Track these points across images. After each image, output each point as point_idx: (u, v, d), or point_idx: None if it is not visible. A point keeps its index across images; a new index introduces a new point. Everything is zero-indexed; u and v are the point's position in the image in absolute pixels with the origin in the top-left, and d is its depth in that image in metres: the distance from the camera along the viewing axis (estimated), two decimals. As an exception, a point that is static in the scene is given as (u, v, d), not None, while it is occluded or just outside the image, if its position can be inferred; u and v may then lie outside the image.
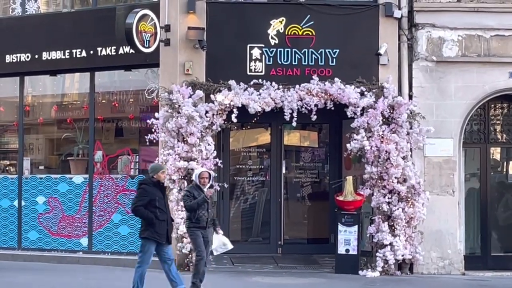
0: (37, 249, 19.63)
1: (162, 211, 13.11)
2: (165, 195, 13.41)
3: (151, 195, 13.12)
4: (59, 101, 20.98)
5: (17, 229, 19.87)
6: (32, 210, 19.97)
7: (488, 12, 18.44)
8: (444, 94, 18.36)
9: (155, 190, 13.20)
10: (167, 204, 13.51)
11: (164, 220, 13.13)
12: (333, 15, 18.19)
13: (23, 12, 20.63)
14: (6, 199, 20.44)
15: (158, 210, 13.06)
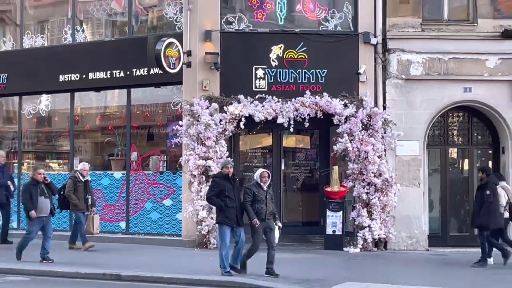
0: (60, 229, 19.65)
1: (231, 199, 13.14)
2: (234, 186, 13.33)
3: (221, 186, 13.25)
4: (102, 112, 20.98)
5: (69, 215, 19.84)
6: (81, 200, 20.01)
7: (447, 39, 18.44)
8: (411, 106, 18.35)
9: (224, 182, 13.29)
10: (236, 193, 13.31)
11: (232, 207, 13.14)
12: (322, 42, 18.19)
13: (73, 40, 20.63)
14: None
15: (228, 198, 13.15)
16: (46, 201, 15.37)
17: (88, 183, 17.64)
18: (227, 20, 18.38)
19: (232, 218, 13.18)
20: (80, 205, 17.29)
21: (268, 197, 13.29)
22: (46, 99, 21.20)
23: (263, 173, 13.35)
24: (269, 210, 13.27)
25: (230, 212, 13.17)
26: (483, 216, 15.32)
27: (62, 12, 21.18)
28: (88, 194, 17.44)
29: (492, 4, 18.52)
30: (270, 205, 13.30)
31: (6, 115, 22.49)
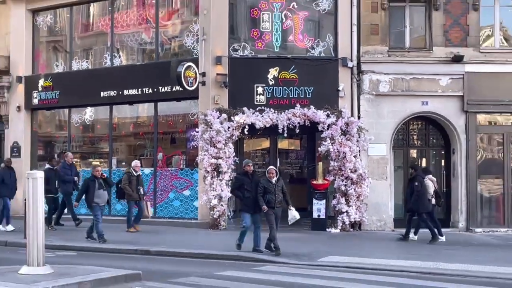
0: (119, 215, 19.65)
1: (248, 191, 13.23)
2: (252, 180, 13.33)
3: (241, 181, 13.45)
4: (135, 121, 21.01)
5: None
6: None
7: (408, 63, 18.46)
8: (380, 116, 18.37)
9: (244, 177, 13.45)
10: (254, 186, 13.23)
11: (249, 197, 13.23)
12: (309, 65, 18.22)
13: (112, 64, 20.68)
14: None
15: (246, 191, 13.26)
16: (104, 193, 15.18)
17: (140, 177, 17.35)
18: (233, 48, 18.41)
19: (250, 205, 13.26)
20: (133, 195, 17.10)
21: (276, 189, 13.13)
22: (90, 111, 21.24)
23: (270, 170, 13.32)
24: (277, 199, 13.13)
25: (248, 201, 13.27)
26: (414, 203, 15.78)
27: (103, 41, 21.22)
28: (139, 186, 17.21)
29: (444, 35, 18.55)
30: (278, 195, 13.14)
31: (59, 123, 22.53)
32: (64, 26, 22.05)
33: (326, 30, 18.64)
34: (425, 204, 15.81)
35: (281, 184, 13.34)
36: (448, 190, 19.01)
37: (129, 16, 20.60)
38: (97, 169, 15.44)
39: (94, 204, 15.08)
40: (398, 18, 18.91)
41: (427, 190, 15.89)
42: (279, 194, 13.18)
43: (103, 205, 15.32)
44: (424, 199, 15.79)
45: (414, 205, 15.84)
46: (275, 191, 13.14)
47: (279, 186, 13.25)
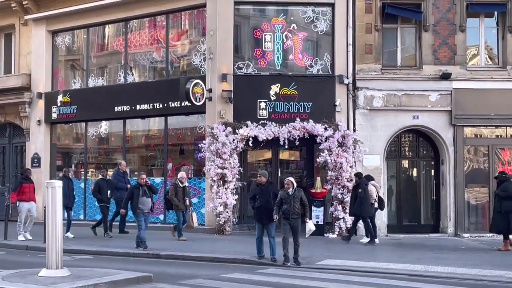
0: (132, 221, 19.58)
1: (258, 202, 12.67)
2: (264, 191, 12.70)
3: (254, 191, 12.93)
4: (146, 134, 21.07)
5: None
6: (130, 198, 19.99)
7: (400, 80, 18.51)
8: (374, 129, 18.39)
9: (257, 188, 12.90)
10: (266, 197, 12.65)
11: (258, 207, 12.69)
12: (308, 82, 18.27)
13: (125, 81, 20.78)
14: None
15: (257, 201, 12.72)
16: (148, 200, 14.72)
17: (186, 188, 16.68)
18: (238, 66, 18.48)
19: (259, 215, 12.74)
20: (180, 205, 16.56)
21: (293, 200, 12.30)
22: (105, 124, 21.30)
23: (286, 181, 12.53)
24: (293, 210, 12.29)
25: (257, 211, 12.77)
26: (357, 208, 16.03)
27: (117, 60, 21.31)
28: (185, 197, 16.60)
29: (433, 54, 18.61)
30: (295, 206, 12.29)
31: (76, 136, 22.60)
32: (81, 46, 22.16)
33: (324, 50, 18.71)
34: (367, 209, 16.05)
35: (299, 195, 12.44)
36: (437, 198, 19.00)
37: (141, 36, 20.70)
38: (141, 176, 14.94)
39: (138, 211, 14.66)
40: (391, 38, 18.98)
41: (371, 196, 16.18)
42: (295, 205, 12.30)
43: (147, 212, 14.87)
44: (367, 204, 16.04)
45: (357, 210, 16.08)
46: (292, 202, 12.29)
47: (297, 197, 12.38)
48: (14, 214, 18.13)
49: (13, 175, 23.26)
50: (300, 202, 12.38)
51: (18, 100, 22.25)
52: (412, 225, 19.04)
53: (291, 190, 12.39)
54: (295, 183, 12.48)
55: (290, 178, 12.70)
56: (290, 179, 12.56)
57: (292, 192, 12.40)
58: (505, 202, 14.98)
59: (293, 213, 12.31)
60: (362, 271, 11.63)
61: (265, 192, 12.75)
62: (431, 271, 11.62)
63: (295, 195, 12.37)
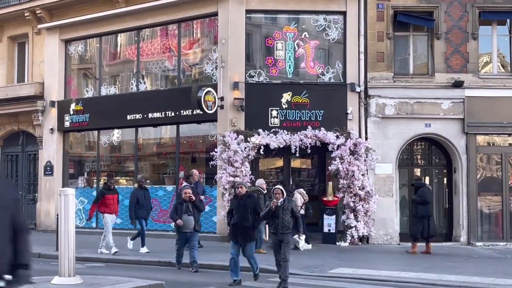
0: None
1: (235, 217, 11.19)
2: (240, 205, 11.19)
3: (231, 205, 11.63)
4: (158, 142, 21.14)
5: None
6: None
7: (412, 88, 18.47)
8: (386, 137, 18.35)
9: (234, 201, 11.56)
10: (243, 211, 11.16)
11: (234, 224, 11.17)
12: (320, 90, 18.27)
13: (137, 89, 20.85)
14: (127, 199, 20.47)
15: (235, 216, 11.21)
16: (189, 218, 12.81)
17: (265, 196, 15.29)
18: (250, 74, 18.52)
19: (233, 233, 11.14)
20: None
21: (283, 212, 10.64)
22: (117, 133, 21.39)
23: (275, 189, 10.84)
24: (282, 224, 10.63)
25: (233, 229, 11.20)
26: None
27: (129, 68, 21.40)
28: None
29: (445, 62, 18.56)
30: (285, 219, 10.64)
31: (88, 144, 22.70)
32: (94, 54, 22.29)
33: (336, 58, 18.71)
34: None
35: (290, 206, 10.74)
36: (450, 207, 18.91)
37: (153, 45, 20.79)
38: (185, 191, 12.97)
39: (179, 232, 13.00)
40: (403, 46, 18.96)
41: (296, 204, 15.60)
42: (285, 218, 10.65)
43: (188, 232, 12.85)
44: None
45: None
46: (281, 214, 10.63)
47: (287, 208, 10.68)
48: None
49: (25, 183, 23.39)
50: (291, 215, 10.71)
51: (31, 109, 22.39)
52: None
53: (281, 200, 10.68)
54: (285, 192, 10.84)
55: (279, 186, 11.04)
56: (279, 187, 10.90)
57: (281, 202, 10.67)
58: (421, 207, 15.84)
59: (282, 227, 10.64)
60: (375, 279, 11.58)
61: (242, 207, 11.11)
62: (444, 280, 11.56)
63: (284, 206, 10.67)
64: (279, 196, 10.73)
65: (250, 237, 11.11)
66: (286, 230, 10.70)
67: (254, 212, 11.10)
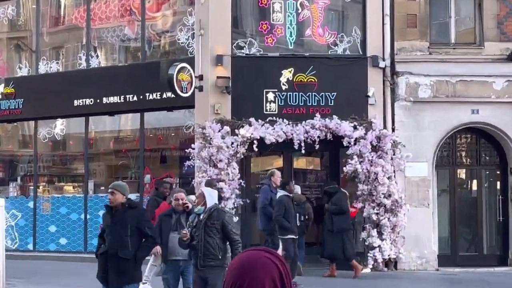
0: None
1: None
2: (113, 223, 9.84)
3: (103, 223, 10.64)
4: (116, 136, 21.06)
5: (83, 236, 19.88)
6: (95, 222, 19.93)
7: (454, 62, 18.44)
8: (420, 127, 18.32)
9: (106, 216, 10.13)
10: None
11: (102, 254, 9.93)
12: (332, 66, 18.21)
13: (88, 66, 20.74)
14: (75, 213, 20.50)
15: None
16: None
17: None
18: (238, 45, 18.46)
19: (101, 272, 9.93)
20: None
21: (204, 230, 9.56)
22: (61, 123, 21.30)
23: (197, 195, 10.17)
24: (205, 250, 9.59)
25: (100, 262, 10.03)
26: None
27: (77, 38, 21.31)
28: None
29: (498, 27, 18.53)
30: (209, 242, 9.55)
31: (22, 139, 22.60)
32: (29, 19, 22.17)
33: (352, 23, 18.68)
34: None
35: (220, 220, 9.47)
36: (504, 220, 18.91)
37: (109, 7, 20.70)
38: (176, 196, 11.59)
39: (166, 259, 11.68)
40: (441, 7, 18.93)
41: None
42: (210, 240, 9.41)
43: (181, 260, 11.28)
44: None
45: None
46: (203, 234, 9.43)
47: (212, 225, 9.44)
48: None
49: None
50: (222, 235, 9.47)
51: None
52: (471, 255, 18.97)
53: (198, 208, 9.59)
54: (209, 199, 9.61)
55: (203, 188, 10.23)
56: (202, 189, 9.96)
57: (204, 214, 9.46)
58: (337, 218, 16.27)
59: (205, 255, 9.38)
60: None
61: (114, 226, 9.78)
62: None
63: (209, 222, 9.39)
64: (199, 203, 9.53)
65: (129, 278, 9.58)
66: (211, 261, 9.42)
67: (139, 234, 9.71)
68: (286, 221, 14.80)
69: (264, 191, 15.98)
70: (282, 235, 15.01)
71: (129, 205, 9.89)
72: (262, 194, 16.06)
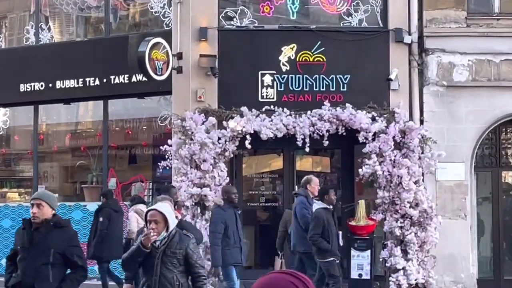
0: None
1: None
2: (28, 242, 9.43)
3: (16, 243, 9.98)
4: (73, 129, 21.04)
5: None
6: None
7: (498, 37, 18.43)
8: (455, 119, 18.30)
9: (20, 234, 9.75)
10: None
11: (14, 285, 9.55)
12: (344, 41, 18.21)
13: (37, 41, 20.70)
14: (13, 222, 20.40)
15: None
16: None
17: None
18: (226, 15, 18.42)
19: None
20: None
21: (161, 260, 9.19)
22: (4, 114, 21.34)
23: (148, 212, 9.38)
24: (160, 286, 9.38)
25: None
26: (96, 245, 17.03)
27: (23, 6, 21.26)
28: None
29: (553, -8, 18.57)
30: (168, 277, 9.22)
31: (-47, 133, 22.51)
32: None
33: (370, -13, 18.69)
34: (109, 248, 16.85)
35: (183, 248, 9.18)
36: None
37: (64, -34, 20.69)
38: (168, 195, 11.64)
39: None
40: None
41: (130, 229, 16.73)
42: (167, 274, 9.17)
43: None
44: (110, 242, 16.79)
45: (97, 250, 16.90)
46: (159, 266, 9.13)
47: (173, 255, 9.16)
48: None
49: None
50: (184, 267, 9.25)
51: None
52: (519, 280, 18.99)
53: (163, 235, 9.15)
54: (171, 218, 9.27)
55: (160, 203, 9.84)
56: (157, 206, 9.45)
57: (161, 240, 9.14)
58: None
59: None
60: None
61: (32, 250, 9.41)
62: None
63: (168, 251, 9.14)
64: (155, 228, 9.05)
65: None
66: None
67: (65, 263, 9.34)
68: (325, 242, 14.76)
69: (301, 203, 15.94)
70: (321, 258, 15.03)
71: (55, 224, 9.33)
72: (299, 208, 15.93)
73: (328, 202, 15.17)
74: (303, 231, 15.66)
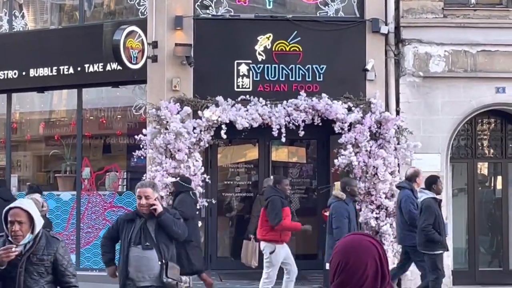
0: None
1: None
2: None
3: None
4: (47, 118, 20.95)
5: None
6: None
7: (475, 27, 18.48)
8: (431, 110, 18.35)
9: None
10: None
11: None
12: (320, 31, 18.23)
13: (10, 29, 20.61)
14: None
15: None
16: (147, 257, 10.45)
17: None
18: (202, 3, 18.41)
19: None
20: None
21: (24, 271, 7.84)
22: (-24, 103, 21.17)
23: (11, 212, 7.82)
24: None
25: None
26: None
27: (-4, -7, 21.17)
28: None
29: (530, -16, 18.64)
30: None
31: None
32: None
33: (347, -24, 18.71)
34: None
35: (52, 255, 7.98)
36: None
37: (37, -48, 20.62)
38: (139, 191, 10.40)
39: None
40: (459, -43, 19.01)
41: None
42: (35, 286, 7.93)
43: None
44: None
45: None
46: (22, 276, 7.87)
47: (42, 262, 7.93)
48: None
49: None
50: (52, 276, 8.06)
51: None
52: (494, 271, 19.10)
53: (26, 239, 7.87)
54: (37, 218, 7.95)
55: (24, 200, 9.32)
56: (20, 203, 8.15)
57: (25, 244, 7.90)
58: None
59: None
60: None
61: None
62: None
63: (34, 257, 7.91)
64: (20, 230, 7.81)
65: None
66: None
67: None
68: (437, 233, 14.55)
69: (408, 198, 15.65)
70: (429, 250, 14.76)
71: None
72: (406, 203, 15.64)
73: (436, 192, 14.94)
74: (409, 226, 15.44)
